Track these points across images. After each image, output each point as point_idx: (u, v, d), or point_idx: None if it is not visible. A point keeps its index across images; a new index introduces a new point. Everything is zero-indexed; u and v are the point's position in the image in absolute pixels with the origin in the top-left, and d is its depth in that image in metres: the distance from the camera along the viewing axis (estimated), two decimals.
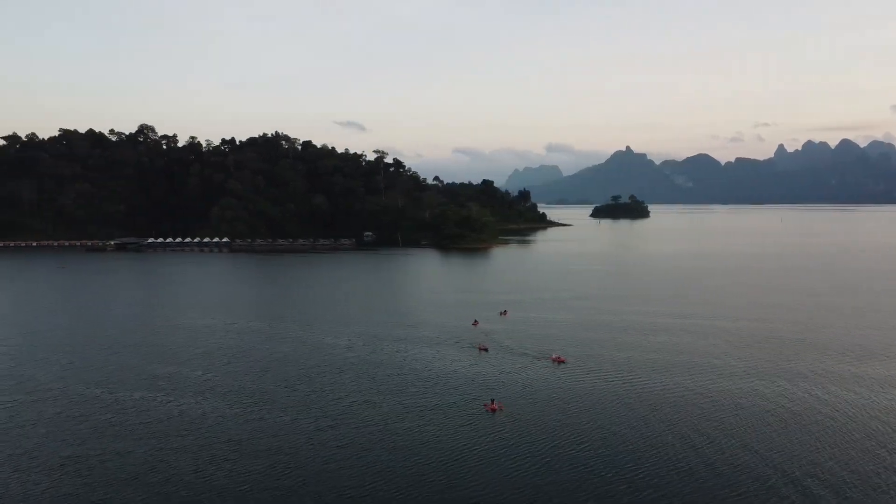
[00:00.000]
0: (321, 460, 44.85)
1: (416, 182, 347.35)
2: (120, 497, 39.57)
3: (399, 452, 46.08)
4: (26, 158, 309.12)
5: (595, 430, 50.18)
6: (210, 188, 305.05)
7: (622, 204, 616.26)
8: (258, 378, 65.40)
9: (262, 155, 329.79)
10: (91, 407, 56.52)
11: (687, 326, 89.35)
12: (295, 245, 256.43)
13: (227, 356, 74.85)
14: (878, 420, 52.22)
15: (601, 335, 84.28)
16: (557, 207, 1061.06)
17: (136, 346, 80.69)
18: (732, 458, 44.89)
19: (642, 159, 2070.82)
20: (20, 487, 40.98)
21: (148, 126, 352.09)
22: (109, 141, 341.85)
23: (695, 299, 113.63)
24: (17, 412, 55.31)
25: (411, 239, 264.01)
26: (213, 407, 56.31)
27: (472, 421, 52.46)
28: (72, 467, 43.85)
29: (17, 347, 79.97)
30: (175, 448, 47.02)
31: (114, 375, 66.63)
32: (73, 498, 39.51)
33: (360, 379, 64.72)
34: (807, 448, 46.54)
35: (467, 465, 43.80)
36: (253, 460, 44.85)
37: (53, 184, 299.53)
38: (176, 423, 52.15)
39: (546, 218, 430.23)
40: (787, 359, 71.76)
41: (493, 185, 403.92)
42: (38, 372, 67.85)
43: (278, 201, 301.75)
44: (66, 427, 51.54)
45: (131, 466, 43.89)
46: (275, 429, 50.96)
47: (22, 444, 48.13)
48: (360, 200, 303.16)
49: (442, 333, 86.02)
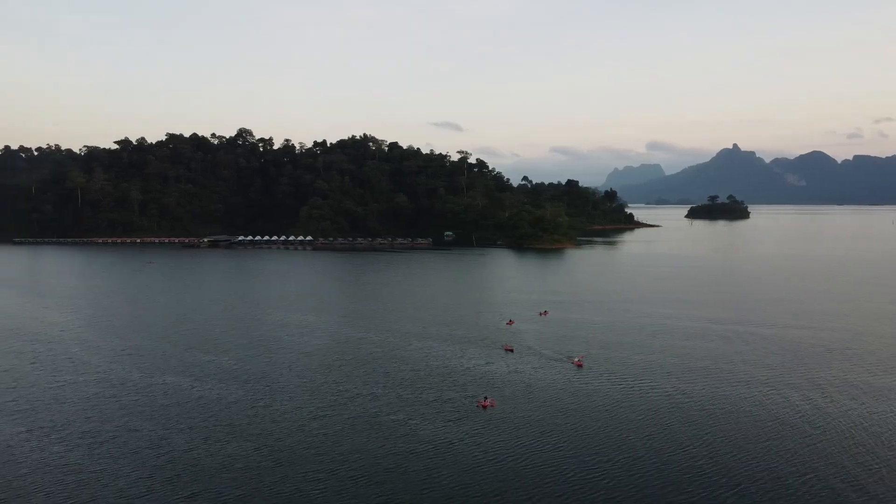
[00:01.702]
0: (303, 445, 47.98)
1: (499, 182, 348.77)
2: (114, 467, 44.13)
3: (377, 442, 48.54)
4: (136, 161, 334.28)
5: (583, 431, 50.76)
6: (300, 188, 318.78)
7: (720, 204, 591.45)
8: (280, 368, 69.59)
9: (349, 156, 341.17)
10: (124, 389, 62.39)
11: (726, 332, 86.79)
12: (373, 244, 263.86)
13: (261, 347, 79.79)
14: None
15: (632, 338, 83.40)
16: (656, 207, 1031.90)
17: (184, 335, 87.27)
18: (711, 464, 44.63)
19: (750, 157, 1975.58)
20: (39, 455, 46.38)
21: (246, 130, 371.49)
22: (211, 144, 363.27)
23: (749, 305, 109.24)
24: (60, 391, 61.88)
25: (489, 239, 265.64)
26: (226, 393, 60.78)
27: (462, 416, 54.20)
28: (87, 440, 49.08)
29: (79, 334, 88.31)
30: (180, 428, 51.54)
31: (157, 362, 72.78)
32: (76, 466, 44.41)
33: (373, 373, 67.65)
34: (814, 465, 45.46)
35: (443, 457, 45.67)
36: (242, 442, 48.59)
37: (159, 184, 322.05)
38: (189, 407, 56.87)
39: (633, 218, 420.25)
40: (814, 369, 68.86)
41: (577, 184, 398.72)
42: (93, 357, 75.03)
43: (363, 201, 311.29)
44: (96, 405, 57.36)
45: (135, 442, 48.63)
46: (274, 415, 54.67)
47: (53, 417, 54.13)
48: (441, 200, 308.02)
49: (474, 332, 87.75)
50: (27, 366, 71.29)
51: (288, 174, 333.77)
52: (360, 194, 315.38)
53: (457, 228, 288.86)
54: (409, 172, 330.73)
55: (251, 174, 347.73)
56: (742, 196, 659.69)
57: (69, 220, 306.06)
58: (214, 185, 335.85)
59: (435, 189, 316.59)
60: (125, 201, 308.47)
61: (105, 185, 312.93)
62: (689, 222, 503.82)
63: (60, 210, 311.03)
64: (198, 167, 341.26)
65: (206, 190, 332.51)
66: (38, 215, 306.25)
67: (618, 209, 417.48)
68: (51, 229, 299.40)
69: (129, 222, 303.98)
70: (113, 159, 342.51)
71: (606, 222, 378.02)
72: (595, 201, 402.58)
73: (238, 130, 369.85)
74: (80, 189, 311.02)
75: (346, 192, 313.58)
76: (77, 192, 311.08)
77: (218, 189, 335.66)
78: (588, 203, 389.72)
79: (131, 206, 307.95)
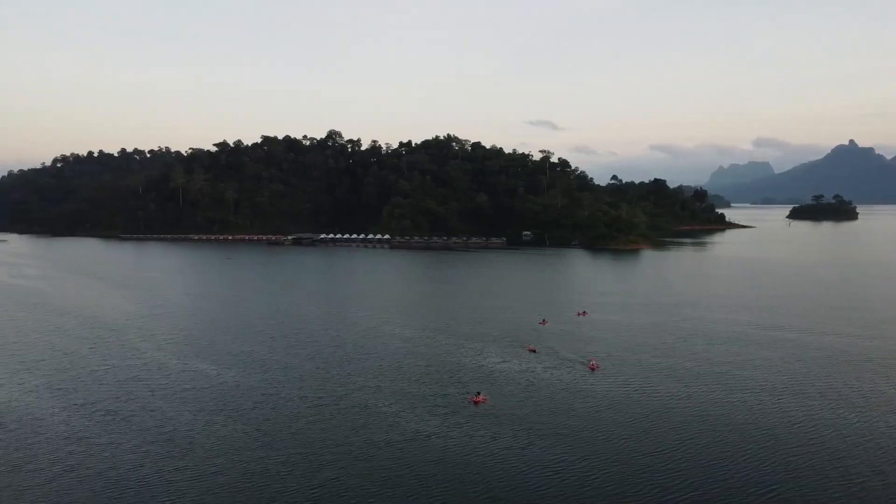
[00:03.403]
0: (292, 430, 51.37)
1: (582, 181, 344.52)
2: (119, 441, 49.01)
3: (362, 432, 51.22)
4: (233, 162, 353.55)
5: (565, 431, 51.48)
6: (384, 188, 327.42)
7: (825, 204, 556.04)
8: (303, 359, 73.52)
9: (432, 156, 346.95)
10: (157, 373, 68.15)
11: (761, 337, 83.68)
12: (448, 243, 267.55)
13: (293, 338, 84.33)
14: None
15: (661, 341, 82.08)
16: (762, 208, 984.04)
17: (230, 325, 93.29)
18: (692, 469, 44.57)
19: (869, 154, 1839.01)
20: (62, 428, 52.05)
21: (335, 131, 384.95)
22: (302, 145, 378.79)
23: (801, 311, 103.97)
24: (102, 373, 68.34)
25: (566, 239, 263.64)
26: (244, 379, 65.24)
27: (452, 411, 55.99)
28: (108, 418, 54.47)
29: (140, 322, 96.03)
30: (189, 409, 56.20)
31: (196, 349, 78.62)
32: (88, 438, 49.63)
33: (388, 367, 70.30)
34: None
35: (416, 447, 47.83)
36: (237, 425, 52.54)
37: (252, 184, 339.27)
38: (207, 391, 61.64)
39: (725, 219, 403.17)
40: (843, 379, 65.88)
41: (665, 183, 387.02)
42: (143, 343, 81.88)
43: (443, 200, 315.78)
44: (127, 387, 63.13)
45: (146, 420, 53.58)
46: (278, 401, 58.41)
47: (87, 396, 60.19)
48: (521, 200, 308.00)
49: (503, 331, 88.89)
50: (85, 349, 78.81)
51: (373, 174, 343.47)
52: (441, 194, 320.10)
53: (536, 228, 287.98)
54: (490, 172, 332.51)
55: (339, 174, 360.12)
56: (860, 196, 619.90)
57: (171, 218, 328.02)
58: (304, 185, 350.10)
59: (515, 188, 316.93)
60: (221, 200, 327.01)
61: (203, 185, 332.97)
62: (787, 223, 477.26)
63: (163, 208, 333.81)
64: (289, 168, 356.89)
65: (297, 190, 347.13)
66: (144, 213, 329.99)
67: (708, 209, 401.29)
68: (154, 226, 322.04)
69: (224, 220, 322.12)
70: (212, 160, 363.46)
71: (695, 223, 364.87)
72: (684, 201, 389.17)
73: (328, 132, 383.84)
74: (181, 189, 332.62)
75: (427, 191, 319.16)
76: (179, 192, 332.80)
77: (307, 189, 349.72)
78: (676, 203, 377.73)
79: (227, 205, 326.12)
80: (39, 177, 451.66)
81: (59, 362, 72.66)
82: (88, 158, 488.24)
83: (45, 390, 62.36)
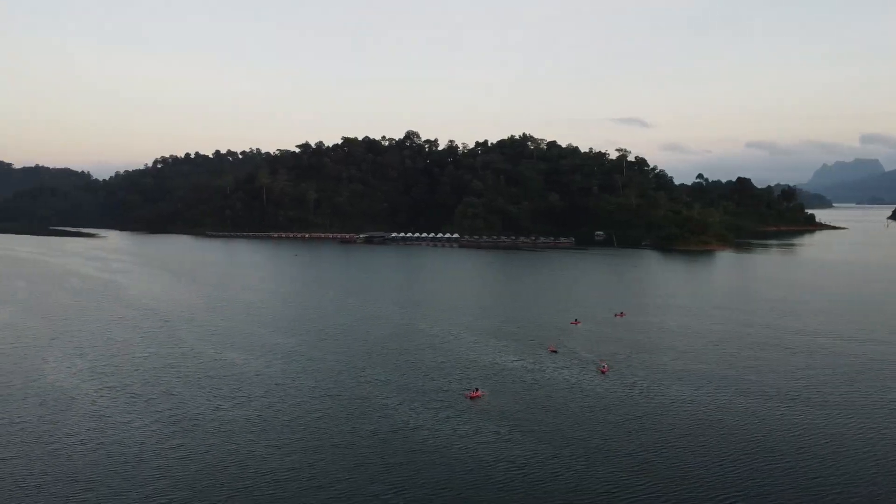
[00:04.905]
0: (289, 417, 54.55)
1: (661, 180, 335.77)
2: (134, 420, 53.59)
3: (353, 422, 53.77)
4: (314, 163, 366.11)
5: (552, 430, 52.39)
6: (458, 188, 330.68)
7: None
8: (326, 352, 76.92)
9: (507, 156, 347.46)
10: (189, 361, 73.20)
11: (797, 343, 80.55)
12: (516, 242, 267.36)
13: (324, 332, 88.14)
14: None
15: (689, 344, 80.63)
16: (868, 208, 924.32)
17: (276, 319, 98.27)
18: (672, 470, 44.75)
19: None
20: (89, 407, 57.26)
21: (413, 132, 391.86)
22: (381, 146, 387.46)
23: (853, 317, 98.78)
24: (140, 360, 73.97)
25: (638, 239, 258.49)
26: (265, 368, 69.22)
27: (448, 405, 57.71)
28: (131, 400, 59.41)
29: (192, 314, 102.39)
30: (204, 395, 60.46)
31: (234, 340, 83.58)
32: (108, 417, 54.49)
33: (404, 362, 72.60)
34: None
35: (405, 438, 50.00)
36: (241, 410, 56.27)
37: (332, 184, 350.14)
38: (225, 379, 65.90)
39: (814, 219, 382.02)
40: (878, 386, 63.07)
41: (749, 182, 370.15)
42: (188, 335, 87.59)
43: (516, 200, 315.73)
44: (158, 374, 68.21)
45: (165, 404, 58.07)
46: (289, 391, 61.88)
47: (121, 380, 65.60)
48: (594, 199, 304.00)
49: (532, 331, 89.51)
50: (137, 338, 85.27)
51: (448, 174, 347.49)
52: (513, 193, 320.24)
53: (610, 228, 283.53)
54: (564, 171, 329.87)
55: (416, 174, 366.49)
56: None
57: (256, 217, 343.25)
58: (382, 185, 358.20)
59: (589, 188, 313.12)
60: (302, 200, 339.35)
61: (286, 185, 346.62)
62: (886, 224, 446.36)
63: (249, 207, 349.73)
64: (368, 168, 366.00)
65: (374, 189, 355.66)
66: (231, 212, 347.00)
67: (797, 209, 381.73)
68: (240, 224, 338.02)
69: (304, 219, 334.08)
70: (295, 161, 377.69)
71: (782, 223, 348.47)
72: (770, 201, 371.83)
73: (406, 132, 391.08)
74: (265, 188, 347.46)
75: (500, 191, 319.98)
76: (263, 192, 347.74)
77: (385, 188, 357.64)
78: (762, 203, 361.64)
79: (307, 205, 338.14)
80: (142, 177, 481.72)
81: (108, 349, 79.09)
82: (185, 160, 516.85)
83: (87, 373, 68.37)
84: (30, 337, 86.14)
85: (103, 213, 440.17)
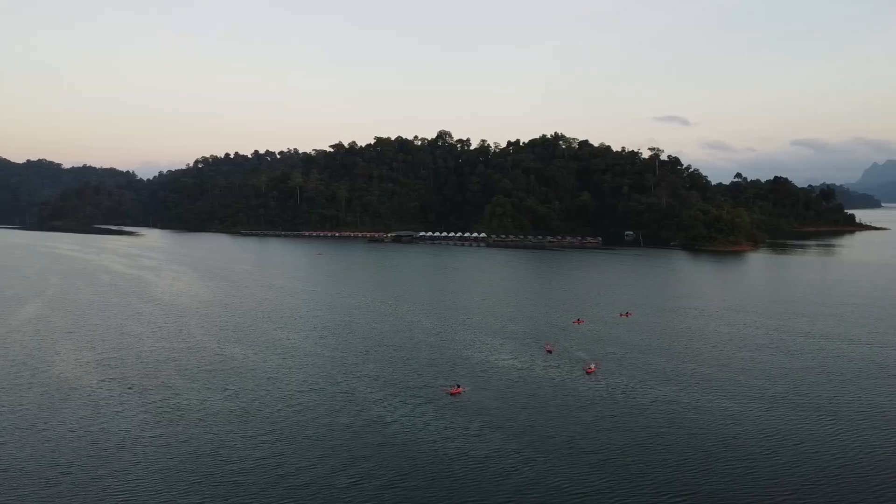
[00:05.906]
0: (270, 410, 56.48)
1: (695, 180, 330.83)
2: (125, 411, 56.17)
3: (330, 416, 55.44)
4: (347, 163, 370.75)
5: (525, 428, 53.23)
6: (489, 187, 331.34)
7: None
8: (324, 348, 78.90)
9: (538, 155, 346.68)
10: (191, 354, 75.90)
11: (800, 346, 79.46)
12: (543, 242, 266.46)
13: (331, 330, 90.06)
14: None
15: (687, 345, 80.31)
16: None
17: (283, 316, 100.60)
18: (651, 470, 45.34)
19: None
20: (87, 398, 60.14)
21: (445, 131, 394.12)
22: (413, 146, 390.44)
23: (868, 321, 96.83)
24: (146, 354, 76.94)
25: (668, 238, 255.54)
26: (261, 363, 71.37)
27: (427, 401, 58.99)
28: (127, 391, 62.15)
29: (206, 310, 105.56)
30: (197, 387, 62.87)
31: (239, 336, 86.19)
32: (103, 405, 57.20)
33: (397, 359, 74.01)
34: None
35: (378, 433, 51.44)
36: (227, 402, 58.40)
37: (364, 183, 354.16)
38: (221, 373, 68.29)
39: (854, 220, 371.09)
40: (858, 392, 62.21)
41: (786, 181, 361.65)
42: (197, 329, 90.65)
43: (546, 199, 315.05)
44: (159, 366, 71.01)
45: (158, 395, 60.63)
46: (279, 385, 63.89)
47: (122, 372, 68.56)
48: (625, 199, 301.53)
49: (532, 330, 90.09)
50: (148, 332, 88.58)
51: (479, 173, 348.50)
52: (543, 192, 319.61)
53: (640, 228, 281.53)
54: (595, 171, 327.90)
55: (447, 173, 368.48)
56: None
57: (289, 215, 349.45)
58: (412, 184, 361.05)
59: (620, 188, 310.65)
60: (334, 199, 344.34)
61: (318, 184, 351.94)
62: None
63: (283, 206, 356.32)
64: (399, 167, 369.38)
65: (405, 188, 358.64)
66: (265, 210, 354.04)
67: (836, 209, 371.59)
68: (274, 223, 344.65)
69: (336, 218, 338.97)
70: (328, 161, 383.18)
71: (821, 224, 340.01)
72: (808, 200, 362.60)
73: (438, 132, 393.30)
74: (299, 188, 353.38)
75: (529, 190, 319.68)
76: (296, 191, 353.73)
77: (416, 187, 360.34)
78: (799, 202, 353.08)
79: (339, 204, 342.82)
80: (182, 176, 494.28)
81: (118, 342, 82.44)
82: (225, 160, 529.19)
83: (93, 365, 71.56)
84: (49, 330, 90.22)
85: (145, 212, 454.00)
